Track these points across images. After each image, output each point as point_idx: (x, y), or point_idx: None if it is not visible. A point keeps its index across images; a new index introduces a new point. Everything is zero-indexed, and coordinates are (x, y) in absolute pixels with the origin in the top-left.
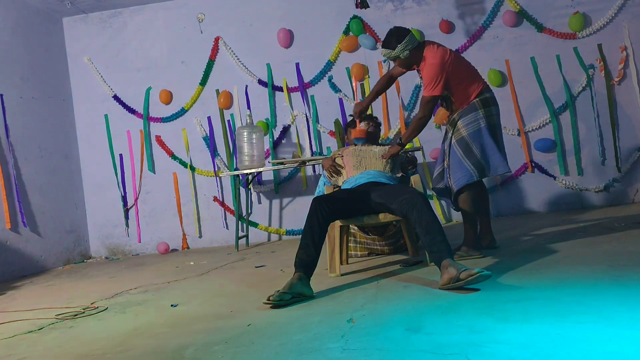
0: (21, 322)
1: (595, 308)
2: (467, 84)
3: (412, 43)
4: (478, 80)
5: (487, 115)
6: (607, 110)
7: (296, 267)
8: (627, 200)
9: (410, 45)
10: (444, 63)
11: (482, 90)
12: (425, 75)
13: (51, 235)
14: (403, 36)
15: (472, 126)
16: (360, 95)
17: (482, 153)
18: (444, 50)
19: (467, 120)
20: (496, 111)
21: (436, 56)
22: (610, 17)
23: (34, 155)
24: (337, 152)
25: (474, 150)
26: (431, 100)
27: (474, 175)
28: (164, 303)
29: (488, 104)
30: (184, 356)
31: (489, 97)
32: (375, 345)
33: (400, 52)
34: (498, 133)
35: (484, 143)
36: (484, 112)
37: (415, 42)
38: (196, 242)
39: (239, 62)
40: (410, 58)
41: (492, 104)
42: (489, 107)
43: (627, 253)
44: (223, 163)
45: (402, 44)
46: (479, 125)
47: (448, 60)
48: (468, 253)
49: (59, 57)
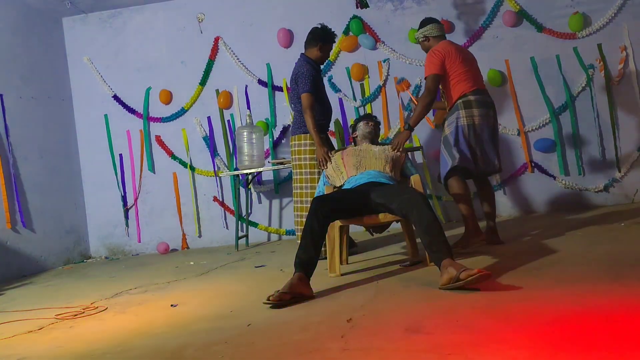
0: (21, 322)
1: (595, 308)
2: (457, 83)
3: (429, 32)
4: (469, 83)
5: (467, 115)
6: (607, 110)
7: (296, 267)
8: (627, 200)
9: (427, 32)
10: (443, 49)
11: (467, 93)
12: (426, 61)
13: (51, 235)
14: (423, 24)
15: (452, 125)
16: (360, 95)
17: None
18: (449, 42)
19: (449, 121)
20: (479, 113)
21: (438, 46)
22: (610, 17)
23: (34, 155)
24: (337, 152)
25: (451, 144)
26: (431, 79)
27: (449, 163)
28: (164, 303)
29: (470, 106)
30: (184, 356)
31: (473, 99)
32: (375, 345)
33: (418, 36)
34: (478, 134)
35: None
36: (465, 113)
37: (435, 33)
38: (196, 242)
39: (238, 62)
40: (427, 44)
41: (475, 107)
42: (471, 109)
43: (627, 253)
44: (223, 163)
45: (420, 30)
46: (457, 124)
47: (449, 48)
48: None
49: (58, 57)
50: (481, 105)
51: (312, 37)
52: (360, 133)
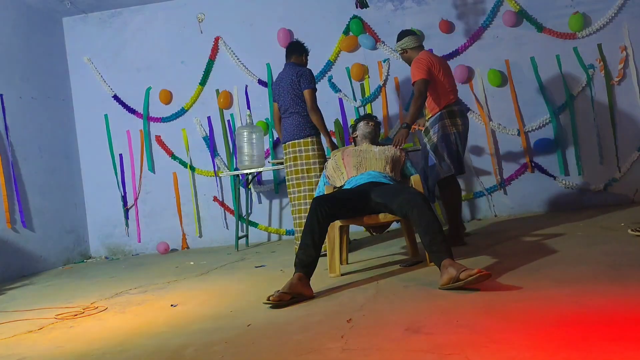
0: (21, 322)
1: (595, 308)
2: (440, 94)
3: (406, 44)
4: (451, 94)
5: (452, 124)
6: (607, 110)
7: (296, 267)
8: (626, 200)
9: (404, 45)
10: (427, 59)
11: (450, 104)
12: (412, 69)
13: (51, 235)
14: (400, 37)
15: (439, 133)
16: (360, 95)
17: (449, 155)
18: (429, 52)
19: (435, 129)
20: (462, 122)
21: (421, 55)
22: (610, 17)
23: (34, 155)
24: (337, 152)
25: (441, 152)
26: (420, 83)
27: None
28: (164, 303)
29: (454, 116)
30: (184, 356)
31: (456, 109)
32: (375, 345)
33: (396, 49)
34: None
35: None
36: (450, 122)
37: (412, 45)
38: (196, 242)
39: (239, 62)
40: (406, 55)
41: (459, 116)
42: (455, 118)
43: (627, 253)
44: (223, 163)
45: (397, 43)
46: (446, 132)
47: (432, 59)
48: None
49: (59, 57)
50: (462, 115)
51: (299, 48)
52: (360, 133)
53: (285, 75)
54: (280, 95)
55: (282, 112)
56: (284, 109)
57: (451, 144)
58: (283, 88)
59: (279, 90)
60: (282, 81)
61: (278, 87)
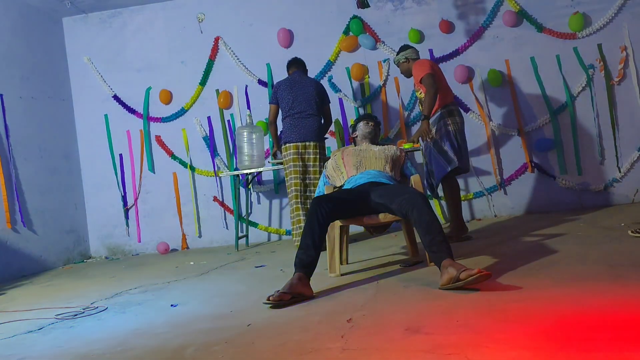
0: (21, 322)
1: (595, 308)
2: (440, 94)
3: (410, 55)
4: (448, 96)
5: (452, 122)
6: (607, 110)
7: (296, 267)
8: (626, 200)
9: (408, 55)
10: (428, 61)
11: (448, 104)
12: (415, 70)
13: (51, 235)
14: (404, 49)
15: (442, 131)
16: (360, 95)
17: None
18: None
19: (437, 127)
20: (460, 120)
21: (421, 60)
22: (610, 17)
23: (34, 155)
24: (337, 152)
25: (445, 148)
26: (428, 77)
27: (447, 166)
28: (164, 303)
29: (453, 114)
30: (184, 356)
31: (454, 109)
32: (375, 345)
33: (399, 58)
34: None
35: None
36: (450, 120)
37: (414, 56)
38: (196, 242)
39: (239, 62)
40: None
41: (456, 115)
42: (454, 117)
43: (627, 253)
44: (223, 163)
45: (401, 53)
46: (447, 130)
47: (431, 63)
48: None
49: (58, 57)
50: (459, 113)
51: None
52: (360, 133)
53: (305, 82)
54: (296, 98)
55: (296, 112)
56: (299, 110)
57: (452, 139)
58: (305, 93)
59: (294, 93)
60: (302, 86)
61: (292, 90)
